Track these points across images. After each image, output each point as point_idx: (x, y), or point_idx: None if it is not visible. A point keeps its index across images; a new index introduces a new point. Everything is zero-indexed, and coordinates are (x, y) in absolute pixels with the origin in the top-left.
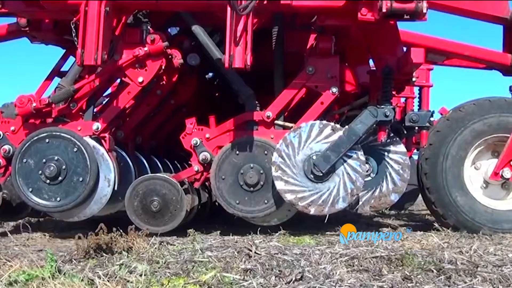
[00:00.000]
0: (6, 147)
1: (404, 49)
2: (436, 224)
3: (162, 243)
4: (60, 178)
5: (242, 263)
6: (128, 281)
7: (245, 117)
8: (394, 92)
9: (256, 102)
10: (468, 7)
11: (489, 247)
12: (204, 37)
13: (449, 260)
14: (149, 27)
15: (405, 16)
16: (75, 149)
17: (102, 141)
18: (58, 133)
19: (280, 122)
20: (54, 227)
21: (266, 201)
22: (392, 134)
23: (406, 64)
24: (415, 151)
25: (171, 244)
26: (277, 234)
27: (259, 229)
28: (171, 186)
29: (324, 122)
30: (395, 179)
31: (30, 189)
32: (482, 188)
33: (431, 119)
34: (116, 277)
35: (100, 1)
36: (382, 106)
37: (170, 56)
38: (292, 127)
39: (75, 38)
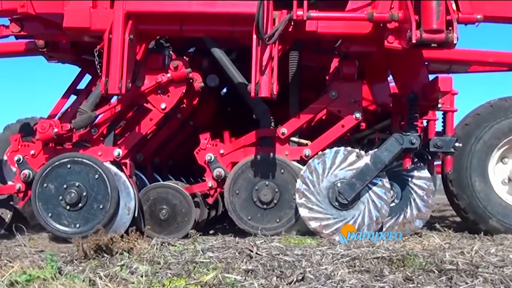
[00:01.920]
0: (26, 171)
1: (427, 70)
2: (437, 225)
3: (163, 244)
4: (80, 204)
5: (243, 263)
6: (129, 281)
7: (260, 133)
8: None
9: (271, 118)
10: (493, 13)
11: (490, 248)
12: (225, 61)
13: (450, 261)
14: (171, 51)
15: (433, 45)
16: (96, 176)
17: (123, 167)
18: (79, 159)
19: (295, 139)
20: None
21: (278, 220)
22: (416, 159)
23: (433, 92)
24: None
25: (172, 245)
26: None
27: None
28: (182, 197)
29: (349, 148)
30: (420, 205)
31: (50, 214)
32: (503, 183)
33: (456, 144)
34: (117, 278)
35: (124, 29)
36: (408, 134)
37: (191, 80)
38: (307, 143)
39: (98, 66)
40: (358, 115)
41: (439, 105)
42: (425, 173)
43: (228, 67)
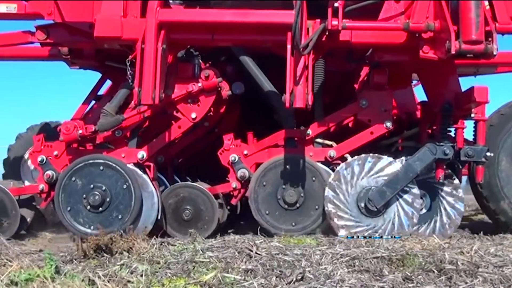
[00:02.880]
0: (50, 172)
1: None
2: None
3: (162, 244)
4: (101, 208)
5: (243, 263)
6: (128, 281)
7: (284, 134)
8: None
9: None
10: None
11: (490, 247)
12: (254, 68)
13: (450, 261)
14: (200, 60)
15: (469, 55)
16: (125, 186)
17: (146, 169)
18: (113, 165)
19: (319, 140)
20: (55, 227)
21: (293, 224)
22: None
23: (468, 102)
24: None
25: (171, 245)
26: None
27: (259, 228)
28: (206, 198)
29: (377, 155)
30: (436, 229)
31: (69, 208)
32: None
33: (487, 154)
34: (116, 277)
35: (157, 39)
36: (442, 144)
37: (219, 88)
38: (331, 145)
39: (130, 76)
40: (389, 124)
41: (472, 115)
42: (460, 206)
43: (258, 75)
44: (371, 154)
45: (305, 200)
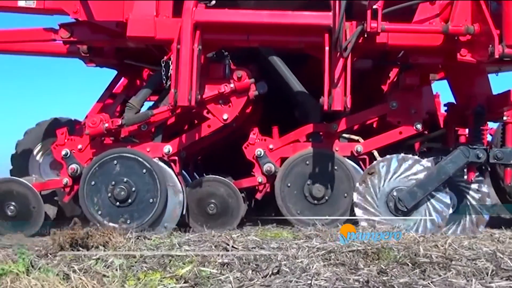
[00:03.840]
0: (74, 166)
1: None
2: None
3: (139, 238)
4: (118, 203)
5: (219, 257)
6: (104, 275)
7: (310, 128)
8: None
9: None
10: None
11: (463, 241)
12: (284, 69)
13: (424, 254)
14: (230, 60)
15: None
16: (151, 200)
17: (172, 164)
18: (155, 175)
19: (346, 135)
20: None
21: (298, 212)
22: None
23: (503, 105)
24: None
25: (148, 239)
26: (255, 228)
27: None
28: (232, 192)
29: (416, 157)
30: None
31: (93, 183)
32: None
33: None
34: (92, 272)
35: (192, 39)
36: (475, 147)
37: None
38: (358, 140)
39: (165, 77)
40: (418, 126)
41: (505, 118)
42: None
43: (287, 75)
44: (410, 155)
45: (326, 203)
